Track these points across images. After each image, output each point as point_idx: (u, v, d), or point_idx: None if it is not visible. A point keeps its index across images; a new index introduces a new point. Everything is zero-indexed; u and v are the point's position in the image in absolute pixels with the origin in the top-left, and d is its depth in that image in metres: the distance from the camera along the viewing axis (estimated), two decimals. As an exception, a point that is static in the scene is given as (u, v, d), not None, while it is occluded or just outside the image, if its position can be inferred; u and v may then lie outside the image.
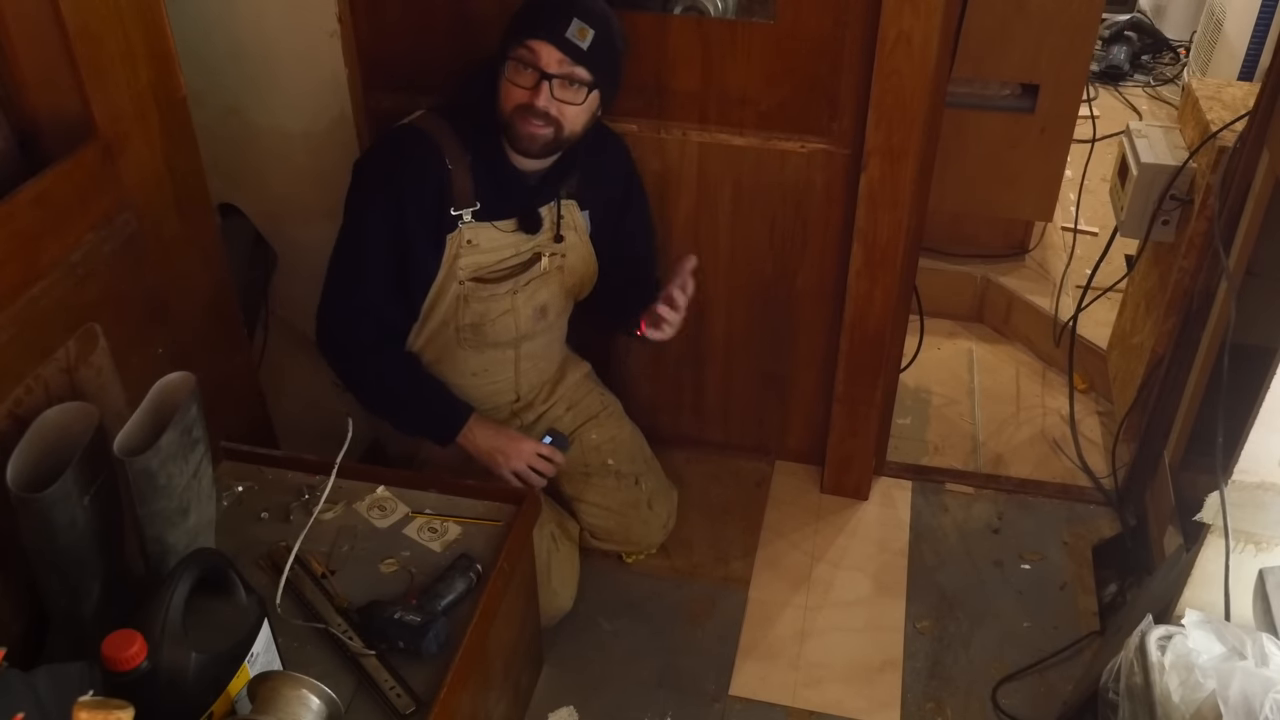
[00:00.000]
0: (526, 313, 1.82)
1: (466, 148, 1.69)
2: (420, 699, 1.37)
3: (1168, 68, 3.84)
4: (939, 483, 2.33)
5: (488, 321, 1.79)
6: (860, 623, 2.02)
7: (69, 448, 1.24)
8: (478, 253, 1.74)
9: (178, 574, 1.22)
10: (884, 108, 1.78)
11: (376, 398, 1.82)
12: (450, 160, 1.67)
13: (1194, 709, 1.38)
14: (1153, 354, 2.17)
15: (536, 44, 1.61)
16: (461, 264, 1.73)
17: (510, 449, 1.82)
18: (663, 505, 2.09)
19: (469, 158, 1.69)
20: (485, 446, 1.80)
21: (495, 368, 1.88)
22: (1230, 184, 1.85)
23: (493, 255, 1.75)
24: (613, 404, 2.09)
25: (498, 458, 1.81)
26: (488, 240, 1.74)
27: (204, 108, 1.77)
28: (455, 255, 1.72)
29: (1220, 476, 1.46)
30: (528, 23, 1.63)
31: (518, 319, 1.81)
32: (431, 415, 1.82)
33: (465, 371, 1.86)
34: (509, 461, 1.82)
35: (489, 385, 1.90)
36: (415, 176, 1.68)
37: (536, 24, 1.62)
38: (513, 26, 1.65)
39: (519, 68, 1.63)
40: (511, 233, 1.76)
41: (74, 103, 1.37)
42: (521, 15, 1.65)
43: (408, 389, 1.81)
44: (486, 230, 1.74)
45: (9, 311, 1.26)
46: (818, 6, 1.75)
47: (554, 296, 1.86)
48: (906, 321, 2.20)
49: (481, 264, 1.75)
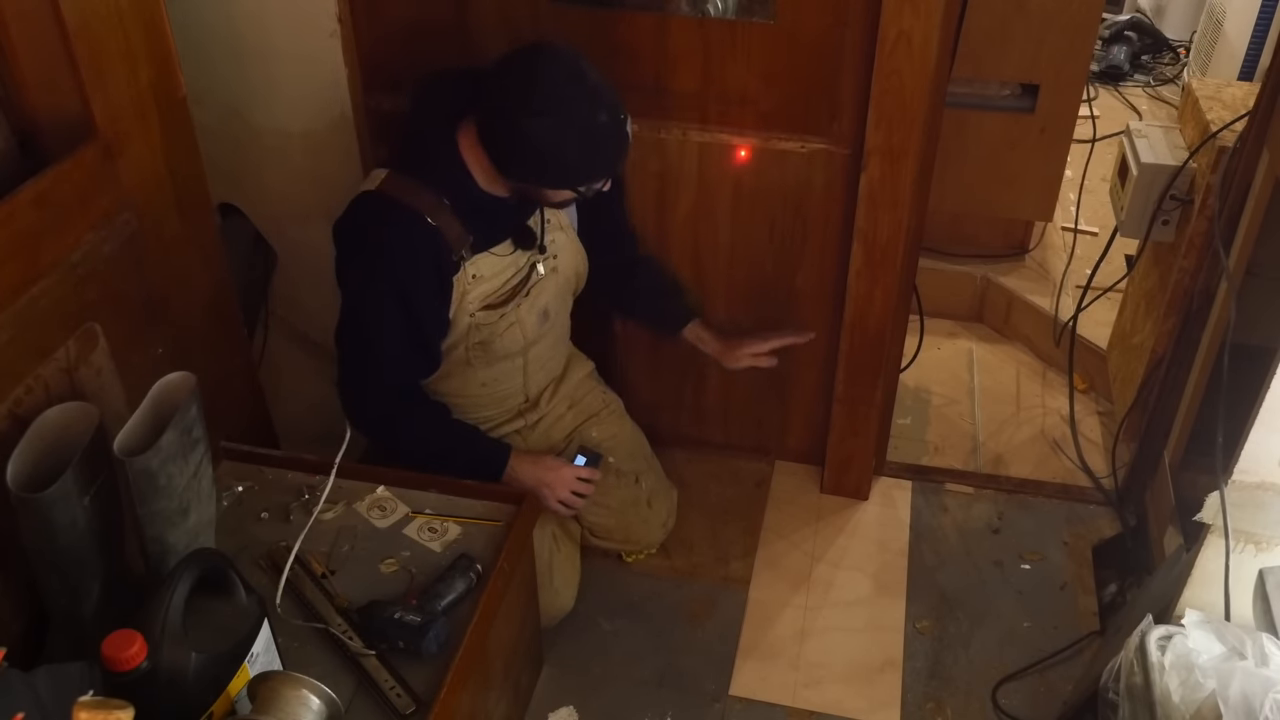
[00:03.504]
0: (531, 320, 1.82)
1: (441, 195, 1.65)
2: (420, 699, 1.37)
3: (1168, 68, 3.84)
4: (939, 483, 2.33)
5: (496, 337, 1.79)
6: (860, 623, 2.02)
7: (69, 448, 1.24)
8: (482, 282, 1.73)
9: (178, 574, 1.22)
10: (884, 108, 1.78)
11: (417, 459, 1.79)
12: (432, 217, 1.64)
13: (1194, 709, 1.38)
14: (1153, 354, 2.17)
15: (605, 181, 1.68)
16: (470, 298, 1.72)
17: (553, 480, 1.83)
18: (662, 504, 2.10)
19: (448, 203, 1.65)
20: (529, 481, 1.80)
21: (505, 377, 1.89)
22: (1230, 184, 1.85)
23: (496, 280, 1.74)
24: (614, 402, 2.09)
25: (543, 491, 1.81)
26: (489, 268, 1.73)
27: (204, 108, 1.77)
28: (463, 293, 1.71)
29: (1220, 476, 1.45)
30: (606, 167, 1.65)
31: (524, 328, 1.81)
32: (472, 463, 1.80)
33: (475, 383, 1.86)
34: (555, 492, 1.83)
35: (499, 392, 1.90)
36: (405, 248, 1.64)
37: (615, 163, 1.66)
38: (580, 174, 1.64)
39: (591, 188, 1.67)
40: (509, 254, 1.76)
41: (74, 103, 1.37)
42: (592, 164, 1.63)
43: (445, 445, 1.80)
44: (486, 259, 1.72)
45: (9, 311, 1.26)
46: (818, 6, 1.75)
47: (553, 298, 1.86)
48: (906, 321, 2.20)
49: (488, 291, 1.74)
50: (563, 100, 1.56)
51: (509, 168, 1.63)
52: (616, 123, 1.60)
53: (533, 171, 1.62)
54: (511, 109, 1.56)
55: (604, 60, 1.85)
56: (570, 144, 1.57)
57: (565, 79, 1.57)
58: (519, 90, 1.56)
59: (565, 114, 1.56)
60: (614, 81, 1.85)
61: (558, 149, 1.57)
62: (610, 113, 1.59)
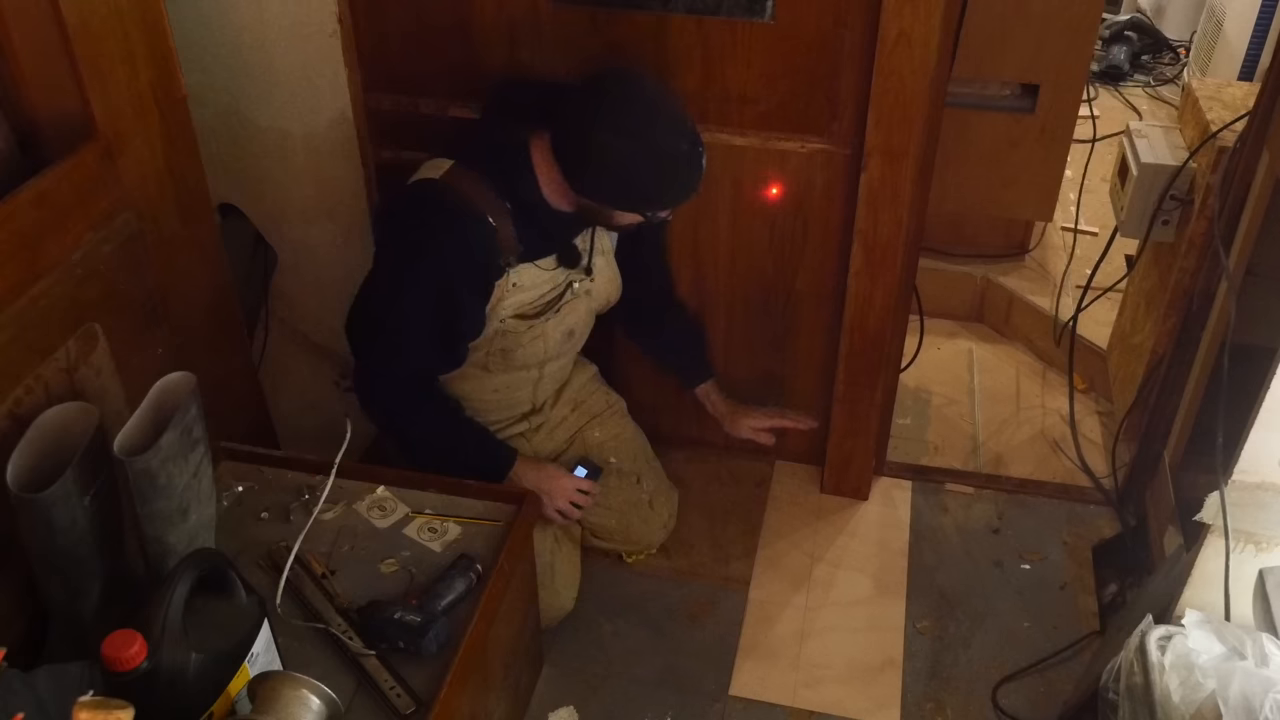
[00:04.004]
0: (555, 337, 1.82)
1: (503, 197, 1.65)
2: (420, 699, 1.37)
3: (1168, 68, 3.84)
4: (939, 483, 2.33)
5: (518, 348, 1.79)
6: (860, 623, 2.02)
7: (69, 448, 1.24)
8: (520, 292, 1.73)
9: (178, 574, 1.22)
10: (884, 108, 1.78)
11: (423, 452, 1.81)
12: (493, 216, 1.64)
13: (1194, 709, 1.38)
14: (1153, 354, 2.17)
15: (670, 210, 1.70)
16: (504, 305, 1.73)
17: (553, 488, 1.85)
18: (664, 505, 2.10)
19: (508, 206, 1.66)
20: (529, 487, 1.81)
21: (517, 385, 1.89)
22: (1230, 184, 1.85)
23: (534, 292, 1.75)
24: (617, 403, 2.10)
25: (542, 499, 1.83)
26: (530, 279, 1.74)
27: (204, 108, 1.77)
28: (499, 298, 1.72)
29: (1220, 476, 1.45)
30: (680, 195, 1.66)
31: (547, 344, 1.82)
32: (478, 464, 1.81)
33: (487, 389, 1.87)
34: (553, 501, 1.85)
35: (508, 399, 1.91)
36: (461, 240, 1.64)
37: (688, 192, 1.66)
38: (655, 198, 1.65)
39: (660, 214, 1.69)
40: (552, 269, 1.76)
41: (74, 103, 1.37)
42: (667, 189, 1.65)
43: (454, 441, 1.81)
44: (529, 270, 1.73)
45: (9, 311, 1.26)
46: (818, 6, 1.75)
47: (580, 319, 1.87)
48: (906, 321, 2.21)
49: (523, 302, 1.75)
50: (649, 123, 1.58)
51: (582, 182, 1.63)
52: (696, 154, 1.62)
53: (607, 189, 1.63)
54: (597, 124, 1.57)
55: (604, 60, 1.86)
56: (650, 167, 1.59)
57: (653, 103, 1.60)
58: (607, 107, 1.57)
59: (649, 137, 1.58)
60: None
61: (637, 171, 1.59)
62: (691, 143, 1.61)
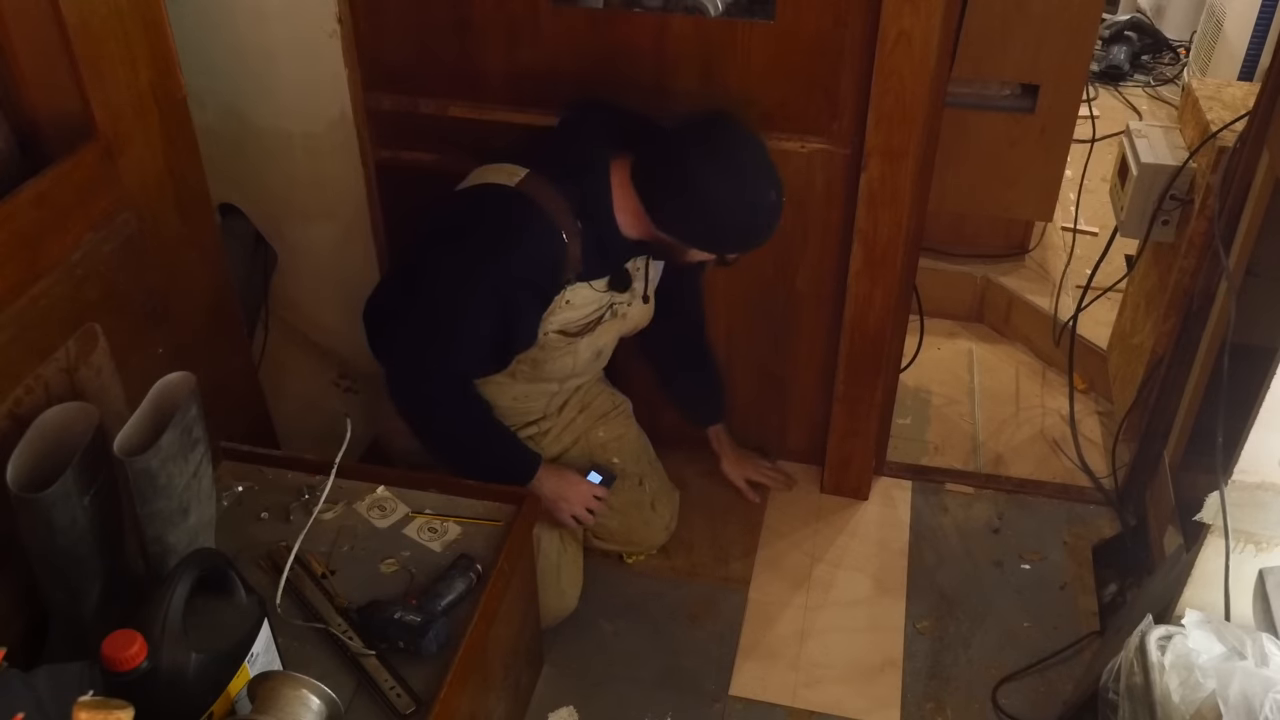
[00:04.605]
0: (586, 356, 1.83)
1: (577, 216, 1.65)
2: (420, 699, 1.37)
3: (1168, 68, 3.84)
4: (939, 483, 2.33)
5: (549, 360, 1.79)
6: (860, 623, 2.02)
7: (69, 448, 1.24)
8: (571, 310, 1.74)
9: (178, 574, 1.22)
10: (884, 108, 1.77)
11: (450, 451, 1.80)
12: (566, 233, 1.64)
13: (1194, 709, 1.38)
14: (1153, 354, 2.17)
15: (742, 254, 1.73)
16: (553, 320, 1.73)
17: (571, 494, 1.86)
18: (665, 507, 2.10)
19: (580, 226, 1.66)
20: (549, 493, 1.82)
21: (536, 395, 1.90)
22: (1230, 184, 1.85)
23: (581, 311, 1.75)
24: (623, 404, 2.10)
25: (560, 504, 1.84)
26: (581, 298, 1.74)
27: (204, 108, 1.77)
28: (551, 312, 1.72)
29: (1220, 476, 1.45)
30: (758, 241, 1.69)
31: (576, 361, 1.82)
32: (503, 466, 1.81)
33: (506, 395, 1.86)
34: (570, 507, 1.86)
35: (523, 407, 1.91)
36: (537, 249, 1.63)
37: (769, 231, 1.68)
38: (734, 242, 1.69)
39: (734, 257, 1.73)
40: (604, 291, 1.77)
41: (74, 103, 1.37)
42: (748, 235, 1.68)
43: (481, 441, 1.80)
44: (583, 290, 1.73)
45: (9, 311, 1.26)
46: (818, 6, 1.75)
47: (610, 341, 1.87)
48: (906, 321, 2.21)
49: (570, 320, 1.75)
50: (745, 168, 1.60)
51: (665, 214, 1.64)
52: (779, 204, 1.64)
53: (691, 226, 1.65)
54: (694, 159, 1.59)
55: (604, 60, 1.86)
56: (739, 211, 1.61)
57: (751, 149, 1.62)
58: (708, 146, 1.60)
59: (742, 180, 1.60)
60: (614, 81, 1.86)
61: (727, 213, 1.61)
62: (779, 193, 1.63)
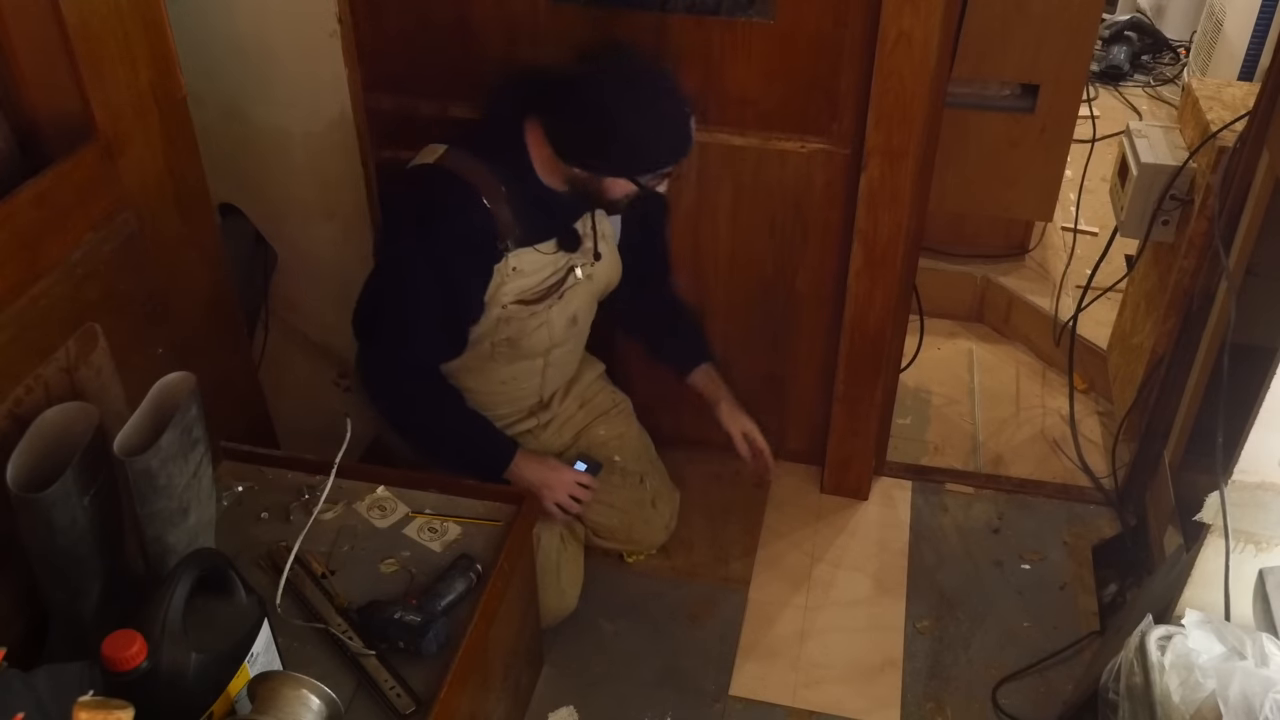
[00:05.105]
0: (560, 323, 1.82)
1: (499, 180, 1.67)
2: (420, 699, 1.37)
3: (1168, 68, 3.84)
4: (939, 483, 2.33)
5: (524, 336, 1.79)
6: (860, 623, 2.02)
7: (69, 448, 1.24)
8: (521, 277, 1.73)
9: (178, 574, 1.22)
10: (884, 108, 1.78)
11: (425, 440, 1.82)
12: (488, 198, 1.65)
13: (1194, 709, 1.38)
14: (1153, 354, 2.17)
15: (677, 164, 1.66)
16: (505, 290, 1.73)
17: (554, 481, 1.84)
18: (665, 506, 2.10)
19: (504, 189, 1.67)
20: (531, 480, 1.81)
21: (524, 376, 1.89)
22: (1230, 184, 1.85)
23: (535, 277, 1.75)
24: (623, 403, 2.10)
25: (543, 491, 1.82)
26: (530, 264, 1.74)
27: (204, 108, 1.77)
28: (500, 283, 1.72)
29: (1220, 476, 1.45)
30: (669, 154, 1.65)
31: (552, 330, 1.82)
32: (479, 455, 1.82)
33: (494, 380, 1.87)
34: (554, 494, 1.84)
35: (515, 391, 1.91)
36: (457, 222, 1.65)
37: (677, 153, 1.65)
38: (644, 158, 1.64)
39: (652, 180, 1.66)
40: (552, 253, 1.76)
41: (74, 103, 1.36)
42: (656, 147, 1.63)
43: (456, 431, 1.81)
44: (529, 254, 1.73)
45: (9, 311, 1.25)
46: (818, 6, 1.75)
47: (583, 305, 1.87)
48: (906, 321, 2.21)
49: (524, 287, 1.74)
50: (635, 82, 1.59)
51: (571, 146, 1.64)
52: (683, 114, 1.62)
53: (597, 149, 1.63)
54: (585, 85, 1.59)
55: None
56: (636, 122, 1.59)
57: (641, 67, 1.61)
58: (596, 70, 1.60)
59: (635, 92, 1.58)
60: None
61: (623, 124, 1.59)
62: (678, 103, 1.62)
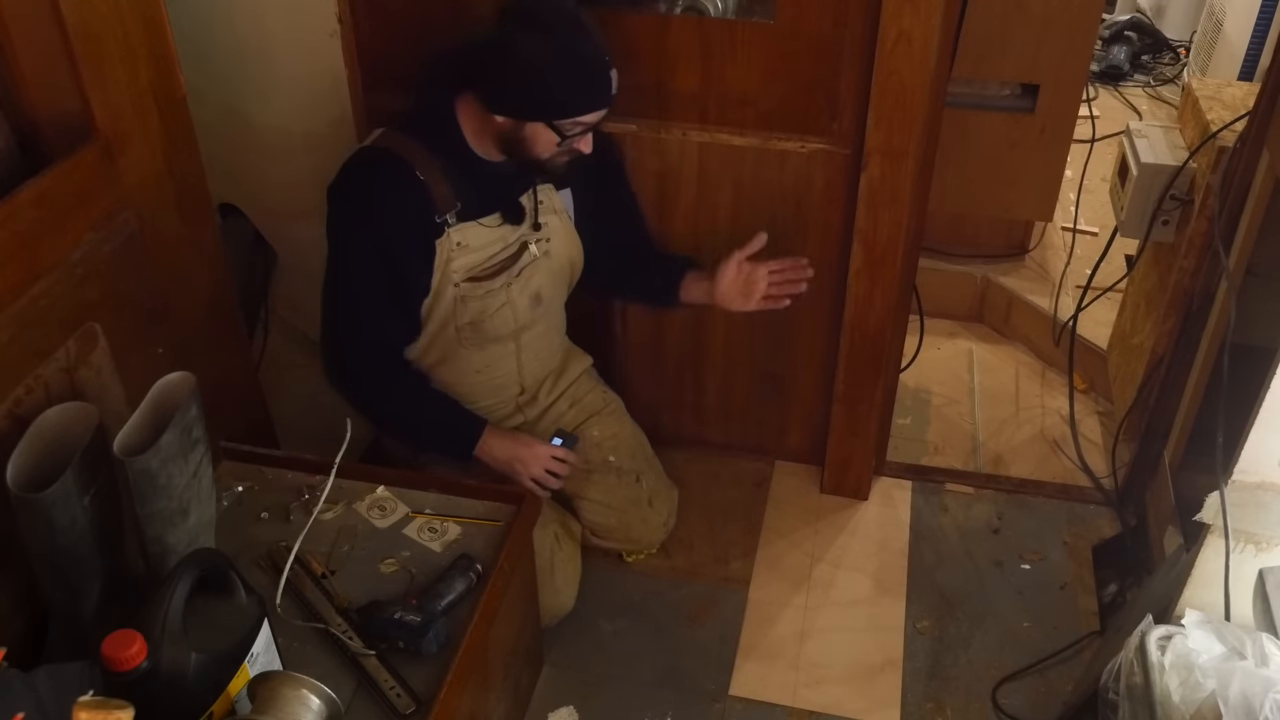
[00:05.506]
0: (523, 303, 1.83)
1: (434, 154, 1.69)
2: (420, 699, 1.37)
3: (1168, 68, 3.84)
4: (939, 483, 2.33)
5: (486, 317, 1.80)
6: (860, 623, 2.02)
7: (69, 448, 1.24)
8: (468, 253, 1.74)
9: (178, 574, 1.22)
10: (884, 108, 1.78)
11: (392, 422, 1.85)
12: (421, 171, 1.67)
13: (1194, 709, 1.38)
14: (1153, 354, 2.17)
15: (596, 113, 1.65)
16: (454, 266, 1.74)
17: (527, 456, 1.83)
18: (663, 504, 2.10)
19: (439, 162, 1.69)
20: (503, 457, 1.82)
21: (497, 362, 1.89)
22: (1230, 184, 1.85)
23: (483, 253, 1.76)
24: (614, 401, 2.09)
25: (516, 466, 1.82)
26: (475, 239, 1.75)
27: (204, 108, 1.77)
28: (447, 260, 1.73)
29: (1220, 476, 1.45)
30: (585, 98, 1.64)
31: (515, 310, 1.82)
32: (447, 434, 1.83)
33: (469, 369, 1.87)
34: (528, 469, 1.83)
35: (493, 380, 1.91)
36: (392, 196, 1.67)
37: (594, 98, 1.64)
38: (561, 100, 1.63)
39: (572, 129, 1.65)
40: (497, 227, 1.77)
41: (74, 103, 1.37)
42: (573, 89, 1.63)
43: (421, 411, 1.82)
44: (473, 229, 1.75)
45: (9, 311, 1.26)
46: (818, 6, 1.76)
47: (546, 282, 1.87)
48: (906, 321, 2.21)
49: (473, 263, 1.76)
50: (551, 25, 1.60)
51: (494, 94, 1.64)
52: (601, 58, 1.63)
53: (514, 91, 1.63)
54: (502, 34, 1.61)
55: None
56: (555, 65, 1.60)
57: (556, 10, 1.62)
58: (512, 20, 1.61)
59: (551, 36, 1.60)
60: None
61: (543, 68, 1.60)
62: (595, 46, 1.63)
